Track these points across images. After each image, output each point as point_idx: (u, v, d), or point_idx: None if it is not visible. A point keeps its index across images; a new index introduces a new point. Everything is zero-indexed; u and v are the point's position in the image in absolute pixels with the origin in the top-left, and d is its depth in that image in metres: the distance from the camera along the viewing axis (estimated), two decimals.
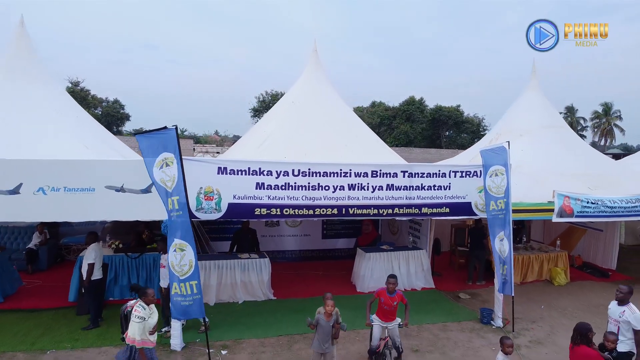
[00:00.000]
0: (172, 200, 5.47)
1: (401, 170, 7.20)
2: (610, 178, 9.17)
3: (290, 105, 9.62)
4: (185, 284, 5.55)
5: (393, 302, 5.88)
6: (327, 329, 5.46)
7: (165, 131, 5.19)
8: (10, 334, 6.79)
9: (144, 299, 4.95)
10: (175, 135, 5.23)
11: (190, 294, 5.58)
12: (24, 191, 5.80)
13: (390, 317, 5.97)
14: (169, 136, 5.20)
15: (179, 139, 5.26)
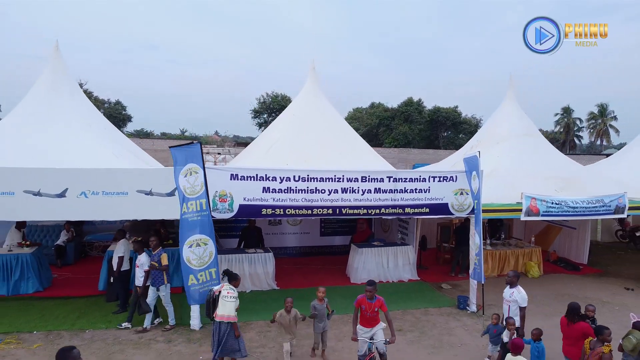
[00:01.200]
0: (194, 203, 6.67)
1: (387, 176, 8.41)
2: (577, 181, 10.37)
3: (292, 117, 10.87)
4: (204, 272, 6.75)
5: (374, 308, 6.01)
6: (322, 311, 6.53)
7: (191, 146, 6.40)
8: (52, 317, 8.00)
9: (234, 282, 6.21)
10: (200, 149, 6.43)
11: (209, 280, 6.79)
12: (69, 195, 6.99)
13: (373, 322, 6.08)
14: (194, 150, 6.41)
15: (202, 152, 6.46)
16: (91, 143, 8.57)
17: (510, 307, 6.32)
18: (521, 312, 6.22)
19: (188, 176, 6.54)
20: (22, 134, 8.16)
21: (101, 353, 6.79)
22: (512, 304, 6.28)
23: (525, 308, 6.37)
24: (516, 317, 6.28)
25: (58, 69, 9.43)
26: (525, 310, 6.33)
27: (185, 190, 7.04)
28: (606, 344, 5.07)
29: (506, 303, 6.42)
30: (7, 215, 7.13)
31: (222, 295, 6.08)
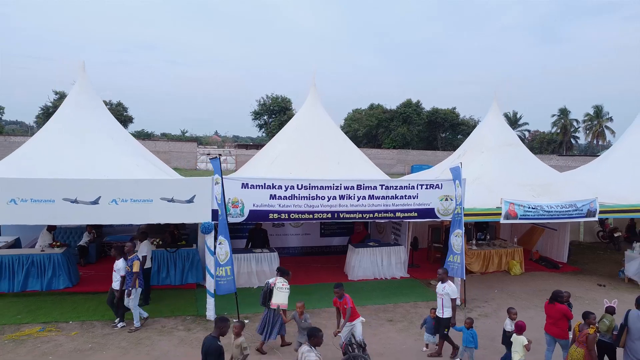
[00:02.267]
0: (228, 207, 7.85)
1: (380, 184, 9.51)
2: (553, 187, 11.47)
3: (295, 130, 11.99)
4: (223, 268, 7.87)
5: (344, 306, 6.95)
6: (301, 324, 7.08)
7: (215, 159, 7.58)
8: (84, 309, 9.12)
9: (286, 277, 7.58)
10: (219, 162, 7.56)
11: (225, 276, 7.91)
12: (102, 202, 8.09)
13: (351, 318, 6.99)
14: (216, 163, 7.57)
15: (220, 164, 7.57)
16: (116, 155, 9.69)
17: (443, 300, 7.33)
18: (452, 303, 7.29)
19: (215, 185, 7.74)
20: (58, 148, 9.26)
21: (131, 339, 7.90)
22: (444, 297, 7.31)
23: (456, 299, 7.44)
24: (448, 308, 7.32)
25: (85, 87, 10.56)
26: (455, 301, 7.40)
27: (216, 197, 8.21)
28: (591, 326, 6.22)
29: (439, 297, 7.43)
30: (49, 220, 8.26)
31: (277, 287, 7.41)
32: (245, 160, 57.54)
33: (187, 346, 7.75)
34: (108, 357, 7.28)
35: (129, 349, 7.56)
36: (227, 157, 53.69)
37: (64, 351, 7.43)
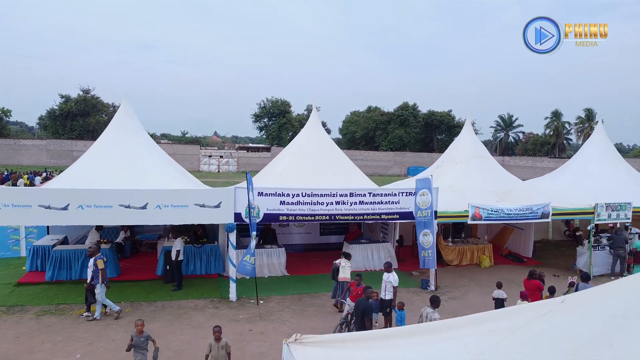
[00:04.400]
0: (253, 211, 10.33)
1: (368, 192, 11.91)
2: (514, 194, 13.87)
3: (299, 147, 14.42)
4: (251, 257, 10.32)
5: (359, 291, 9.01)
6: (138, 342, 7.18)
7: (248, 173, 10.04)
8: (130, 293, 11.50)
9: (348, 258, 10.53)
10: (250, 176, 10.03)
11: (250, 262, 10.32)
12: (149, 207, 10.45)
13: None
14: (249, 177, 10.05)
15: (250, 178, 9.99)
16: (156, 169, 12.06)
17: (386, 286, 9.62)
18: (394, 290, 9.58)
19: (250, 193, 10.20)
20: (110, 163, 11.62)
21: (173, 315, 10.29)
22: (387, 284, 9.61)
23: (397, 287, 9.76)
24: (390, 293, 9.61)
25: (128, 112, 12.99)
26: (397, 288, 9.72)
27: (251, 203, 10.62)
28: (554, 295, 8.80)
29: (384, 283, 9.70)
30: (107, 222, 10.67)
31: (342, 266, 10.20)
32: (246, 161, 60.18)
33: (217, 319, 10.12)
34: (159, 325, 9.67)
35: (173, 321, 9.96)
36: (229, 159, 55.98)
37: (122, 323, 9.81)
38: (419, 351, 3.08)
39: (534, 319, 2.87)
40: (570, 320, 2.65)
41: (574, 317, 2.66)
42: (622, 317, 2.37)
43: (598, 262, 14.17)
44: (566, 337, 2.47)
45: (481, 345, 2.83)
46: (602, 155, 16.08)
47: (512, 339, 2.76)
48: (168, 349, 8.64)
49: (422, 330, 3.56)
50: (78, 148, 52.30)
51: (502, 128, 74.88)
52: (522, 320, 2.90)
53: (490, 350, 2.73)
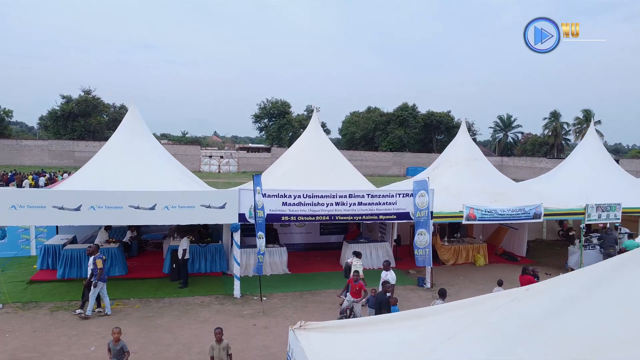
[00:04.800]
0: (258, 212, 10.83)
1: (366, 194, 12.45)
2: (507, 195, 14.42)
3: (300, 150, 14.95)
4: (260, 256, 10.84)
5: (356, 287, 9.81)
6: (114, 351, 7.22)
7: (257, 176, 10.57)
8: (139, 290, 12.04)
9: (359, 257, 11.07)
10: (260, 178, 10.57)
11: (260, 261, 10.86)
12: (157, 208, 10.99)
13: (356, 295, 9.81)
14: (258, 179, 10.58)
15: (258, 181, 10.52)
16: (163, 171, 12.61)
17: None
18: (391, 287, 10.01)
19: (257, 194, 10.70)
20: (120, 166, 12.15)
21: (180, 310, 10.83)
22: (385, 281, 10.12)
23: (394, 285, 10.24)
24: None
25: (135, 116, 13.53)
26: (394, 286, 10.17)
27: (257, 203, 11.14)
28: None
29: (382, 280, 10.24)
30: (117, 221, 11.21)
31: (354, 264, 10.76)
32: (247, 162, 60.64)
33: (222, 314, 10.68)
34: (167, 320, 10.21)
35: (181, 316, 10.50)
36: (229, 159, 56.50)
37: (133, 318, 10.35)
38: (403, 333, 3.63)
39: (503, 304, 3.41)
40: (531, 303, 3.19)
41: (534, 301, 3.21)
42: (570, 298, 2.91)
43: (589, 261, 14.69)
44: (525, 316, 3.00)
45: (459, 325, 3.36)
46: (593, 157, 16.64)
47: (483, 321, 3.30)
48: (177, 342, 9.19)
49: (409, 316, 4.11)
50: (80, 148, 52.84)
51: (501, 128, 75.45)
52: (494, 305, 3.45)
53: (465, 330, 3.27)
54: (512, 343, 2.83)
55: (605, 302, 2.71)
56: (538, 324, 2.82)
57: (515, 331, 2.90)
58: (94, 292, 10.27)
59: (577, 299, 2.88)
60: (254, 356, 8.75)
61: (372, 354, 3.57)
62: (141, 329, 9.78)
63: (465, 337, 3.18)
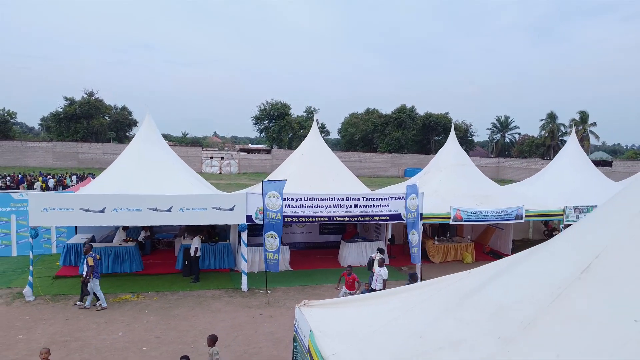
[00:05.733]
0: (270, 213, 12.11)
1: (362, 197, 13.79)
2: (492, 197, 15.75)
3: (301, 156, 16.32)
4: (273, 254, 12.14)
5: (350, 280, 11.12)
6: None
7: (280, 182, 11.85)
8: (155, 284, 13.37)
9: (382, 253, 12.10)
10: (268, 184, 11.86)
11: (273, 259, 12.18)
12: (173, 210, 12.31)
13: (351, 288, 11.06)
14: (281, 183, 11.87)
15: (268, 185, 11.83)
16: (177, 176, 13.96)
17: (377, 278, 11.33)
18: (384, 283, 11.24)
19: (272, 198, 11.99)
20: (139, 173, 13.49)
21: (194, 302, 12.16)
22: (378, 277, 11.32)
23: (387, 281, 11.45)
24: (380, 284, 11.26)
25: (150, 125, 14.92)
26: (385, 282, 11.34)
27: (267, 205, 12.41)
28: None
29: (376, 275, 11.40)
30: (137, 222, 12.55)
31: (376, 259, 11.78)
32: (247, 163, 61.84)
33: (232, 307, 12.01)
34: (183, 311, 11.54)
35: (195, 307, 11.83)
36: (230, 160, 57.80)
37: (152, 308, 11.69)
38: (380, 306, 4.97)
39: (453, 283, 4.75)
40: (469, 281, 4.53)
41: (471, 279, 4.55)
42: (493, 276, 4.25)
43: None
44: (463, 290, 4.33)
45: (419, 298, 4.70)
46: (574, 162, 18.00)
47: (436, 294, 4.63)
48: (194, 328, 10.53)
49: (386, 294, 5.46)
50: (83, 150, 54.13)
51: (499, 130, 76.82)
52: (445, 284, 4.79)
53: (423, 301, 4.61)
54: (451, 308, 4.15)
55: (513, 277, 4.05)
56: (469, 294, 4.14)
57: (455, 300, 4.22)
58: (95, 286, 11.37)
59: (497, 276, 4.22)
60: (262, 340, 10.09)
61: (356, 321, 4.90)
62: (161, 317, 11.12)
63: (422, 307, 4.50)
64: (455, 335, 3.80)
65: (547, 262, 3.94)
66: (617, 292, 3.27)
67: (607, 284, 3.37)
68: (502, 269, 4.41)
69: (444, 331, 3.95)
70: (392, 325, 4.51)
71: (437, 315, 4.23)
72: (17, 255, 16.03)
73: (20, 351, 9.25)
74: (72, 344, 9.60)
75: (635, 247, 3.43)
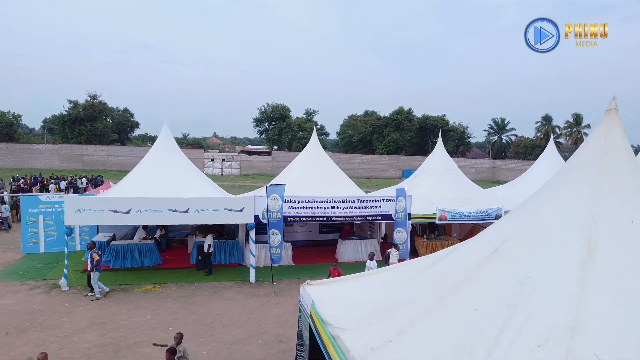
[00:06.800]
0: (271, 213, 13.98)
1: (356, 199, 15.64)
2: (474, 199, 17.61)
3: (302, 162, 18.21)
4: (275, 249, 14.02)
5: (335, 274, 11.85)
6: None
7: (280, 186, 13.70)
8: (172, 277, 15.20)
9: (397, 248, 14.02)
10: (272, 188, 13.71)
11: (276, 253, 14.05)
12: (190, 211, 14.15)
13: None
14: (281, 187, 13.73)
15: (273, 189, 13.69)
16: (192, 180, 15.83)
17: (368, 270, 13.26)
18: None
19: (272, 200, 13.83)
20: (158, 178, 15.35)
21: (209, 291, 14.00)
22: (369, 269, 13.11)
23: None
24: None
25: (167, 135, 16.82)
26: None
27: (268, 205, 14.26)
28: None
29: (367, 268, 13.21)
30: (159, 221, 14.39)
31: (392, 254, 13.66)
32: (249, 165, 63.65)
33: (242, 295, 13.84)
34: (200, 298, 13.38)
35: (210, 296, 13.67)
36: (232, 162, 59.63)
37: (173, 297, 13.52)
38: (369, 282, 6.82)
39: (417, 263, 6.60)
40: (426, 261, 6.40)
41: (427, 260, 6.41)
42: (442, 256, 6.10)
43: None
44: (421, 266, 6.18)
45: (393, 273, 6.55)
46: (552, 167, 19.84)
47: (405, 271, 6.49)
48: (211, 312, 12.37)
49: (373, 273, 7.31)
50: (88, 152, 55.93)
51: (495, 131, 78.74)
52: (412, 264, 6.65)
53: (394, 276, 6.46)
54: (411, 279, 5.98)
55: (453, 257, 5.90)
56: (424, 269, 5.99)
57: (415, 273, 6.05)
58: (94, 278, 13.08)
59: (443, 257, 6.07)
60: (270, 322, 11.92)
61: (346, 293, 6.74)
62: (181, 304, 12.95)
63: (393, 280, 6.33)
64: (411, 296, 5.65)
65: (473, 246, 5.81)
66: (512, 264, 5.12)
67: (507, 260, 5.22)
68: (448, 252, 6.28)
69: (405, 294, 5.80)
70: (371, 294, 6.37)
71: (402, 284, 6.10)
72: (44, 252, 17.92)
73: (66, 330, 11.07)
74: (108, 325, 11.44)
75: (527, 235, 5.28)
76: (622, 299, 4.36)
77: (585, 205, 5.08)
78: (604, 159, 5.37)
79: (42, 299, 13.03)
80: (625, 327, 4.07)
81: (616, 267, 4.60)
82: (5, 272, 15.45)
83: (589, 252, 4.72)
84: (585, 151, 5.60)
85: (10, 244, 19.26)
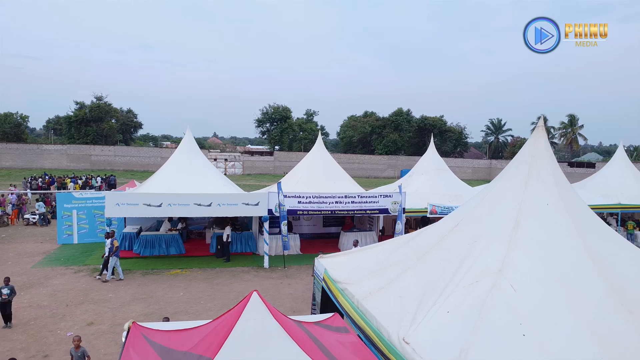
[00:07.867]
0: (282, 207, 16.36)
1: (357, 195, 18.01)
2: (463, 196, 19.92)
3: (309, 163, 20.64)
4: (285, 237, 16.44)
5: None
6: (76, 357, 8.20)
7: (278, 183, 16.05)
8: (195, 263, 17.57)
9: None
10: (280, 184, 16.06)
11: (286, 240, 16.45)
12: (212, 205, 16.51)
13: None
14: (279, 185, 16.08)
15: (280, 186, 16.04)
16: (213, 179, 18.23)
17: None
18: None
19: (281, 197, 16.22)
20: (184, 176, 17.73)
21: (229, 275, 16.36)
22: None
23: None
24: None
25: (190, 138, 19.22)
26: None
27: (279, 200, 16.64)
28: None
29: None
30: (185, 214, 16.79)
31: None
32: (251, 165, 66.07)
33: (258, 278, 16.21)
34: (222, 280, 15.74)
35: (231, 278, 16.04)
36: (235, 162, 61.95)
37: (199, 279, 15.89)
38: (370, 252, 9.19)
39: (406, 239, 9.00)
40: (410, 236, 8.79)
41: (412, 236, 8.80)
42: (420, 232, 8.47)
43: None
44: (406, 240, 8.55)
45: (389, 246, 8.94)
46: None
47: (396, 244, 8.87)
48: (233, 290, 14.74)
49: (374, 247, 9.70)
50: (96, 152, 58.22)
51: (492, 132, 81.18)
52: (402, 240, 9.04)
53: (388, 247, 8.83)
54: (399, 248, 8.37)
55: (426, 233, 8.27)
56: (408, 241, 8.37)
57: (401, 244, 8.43)
58: (112, 263, 15.22)
59: (420, 233, 8.44)
60: (285, 298, 14.28)
61: (353, 262, 9.11)
62: (207, 284, 15.30)
63: (387, 249, 8.72)
64: (397, 259, 8.03)
65: (441, 224, 8.20)
66: (466, 233, 7.48)
67: (462, 231, 7.59)
68: (424, 230, 8.66)
69: (392, 259, 8.18)
70: (368, 260, 8.75)
71: (390, 252, 8.48)
72: (77, 242, 20.27)
73: (115, 303, 13.43)
74: (149, 299, 13.80)
75: (477, 214, 7.66)
76: (535, 255, 6.73)
77: (516, 192, 7.45)
78: (533, 161, 7.75)
79: (88, 280, 15.38)
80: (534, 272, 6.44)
81: (533, 234, 6.97)
82: (49, 259, 17.81)
83: (516, 225, 7.09)
84: (521, 155, 7.99)
85: (45, 236, 21.64)
